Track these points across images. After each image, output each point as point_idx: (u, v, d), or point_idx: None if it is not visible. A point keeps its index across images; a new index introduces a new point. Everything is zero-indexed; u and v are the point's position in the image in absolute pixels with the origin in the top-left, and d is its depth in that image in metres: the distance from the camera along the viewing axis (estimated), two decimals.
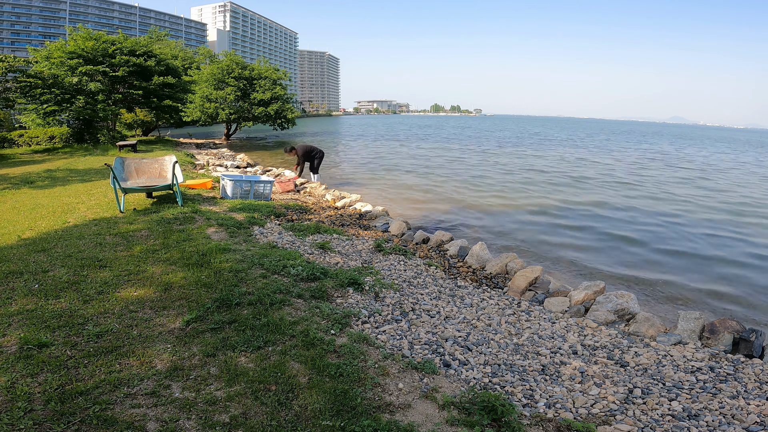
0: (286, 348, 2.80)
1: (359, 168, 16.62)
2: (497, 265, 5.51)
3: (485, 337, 3.56)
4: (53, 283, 3.64)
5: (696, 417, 2.63)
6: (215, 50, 64.71)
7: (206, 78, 26.80)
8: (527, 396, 2.78)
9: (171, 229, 5.37)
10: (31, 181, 9.53)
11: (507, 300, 4.54)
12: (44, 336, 2.77)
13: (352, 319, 3.42)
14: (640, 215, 9.65)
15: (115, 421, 2.08)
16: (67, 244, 4.69)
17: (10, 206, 6.99)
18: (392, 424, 2.19)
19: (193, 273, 3.91)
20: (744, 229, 8.81)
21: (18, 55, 22.87)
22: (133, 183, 7.18)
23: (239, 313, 3.20)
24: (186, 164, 12.66)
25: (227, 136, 29.28)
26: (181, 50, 40.48)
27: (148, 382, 2.40)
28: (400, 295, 4.12)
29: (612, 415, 2.62)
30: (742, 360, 3.41)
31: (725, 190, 13.57)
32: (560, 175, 15.75)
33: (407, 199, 10.74)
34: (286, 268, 4.19)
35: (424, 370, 2.79)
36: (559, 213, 9.67)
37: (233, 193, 7.79)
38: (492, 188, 12.60)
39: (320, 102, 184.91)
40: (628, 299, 4.35)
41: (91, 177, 10.08)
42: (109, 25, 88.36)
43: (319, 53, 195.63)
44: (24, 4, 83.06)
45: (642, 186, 13.77)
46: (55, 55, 18.85)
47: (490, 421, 2.30)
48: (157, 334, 2.90)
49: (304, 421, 2.17)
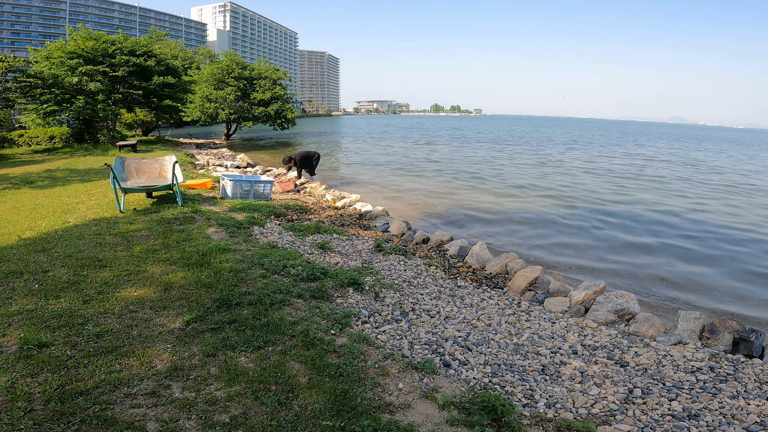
0: (286, 348, 2.80)
1: (359, 168, 16.62)
2: (497, 265, 5.51)
3: (485, 337, 3.56)
4: (53, 283, 3.64)
5: (696, 417, 2.63)
6: (215, 50, 64.70)
7: (206, 78, 26.82)
8: (527, 396, 2.78)
9: (171, 229, 5.37)
10: (31, 181, 9.53)
11: (507, 300, 4.54)
12: (44, 336, 2.77)
13: (352, 319, 3.42)
14: (642, 215, 9.65)
15: (115, 421, 2.08)
16: (67, 244, 4.69)
17: (10, 206, 6.99)
18: (392, 424, 2.19)
19: (193, 273, 3.91)
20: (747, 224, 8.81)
21: (18, 55, 22.86)
22: (133, 183, 7.18)
23: (239, 313, 3.20)
24: (186, 164, 12.67)
25: (227, 136, 29.30)
26: (181, 50, 40.48)
27: (148, 382, 2.40)
28: (400, 295, 4.12)
29: (612, 415, 2.62)
30: (742, 360, 3.41)
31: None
32: (561, 175, 15.75)
33: (407, 199, 10.74)
34: (286, 268, 4.19)
35: (424, 370, 2.79)
36: (560, 213, 9.67)
37: (233, 193, 7.79)
38: (492, 188, 12.60)
39: (320, 102, 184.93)
40: (628, 299, 4.35)
41: (91, 177, 10.08)
42: (109, 25, 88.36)
43: (319, 53, 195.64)
44: (24, 4, 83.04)
45: (642, 184, 13.77)
46: (55, 55, 18.85)
47: (490, 421, 2.30)
48: (157, 334, 2.90)
49: (304, 421, 2.17)
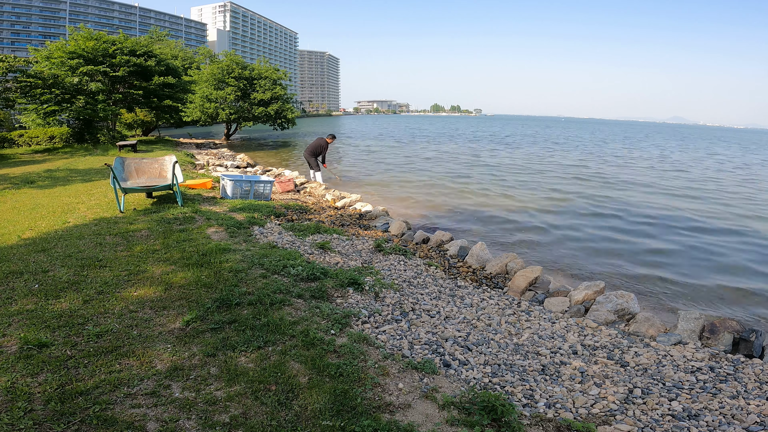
0: (286, 348, 2.80)
1: (359, 168, 16.61)
2: (497, 265, 5.51)
3: (485, 337, 3.56)
4: (53, 283, 3.64)
5: (696, 417, 2.63)
6: (215, 50, 64.67)
7: (206, 78, 26.80)
8: (527, 396, 2.78)
9: (171, 229, 5.37)
10: (31, 181, 9.53)
11: (507, 300, 4.54)
12: (44, 336, 2.77)
13: (352, 319, 3.42)
14: (641, 215, 9.65)
15: (115, 421, 2.08)
16: (67, 244, 4.69)
17: (10, 206, 6.98)
18: (392, 424, 2.19)
19: (193, 273, 3.91)
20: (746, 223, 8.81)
21: (18, 55, 22.85)
22: (133, 183, 7.18)
23: (239, 313, 3.20)
24: (186, 164, 12.67)
25: (227, 136, 29.29)
26: (181, 50, 40.47)
27: (148, 382, 2.40)
28: (400, 295, 4.12)
29: (612, 415, 2.62)
30: (742, 360, 3.41)
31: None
32: (560, 175, 15.75)
33: (407, 199, 10.73)
34: (286, 268, 4.19)
35: (424, 370, 2.79)
36: (560, 213, 9.67)
37: (233, 193, 7.79)
38: (492, 188, 12.60)
39: (320, 102, 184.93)
40: (628, 299, 4.35)
41: (92, 177, 10.08)
42: (109, 25, 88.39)
43: (319, 53, 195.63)
44: (24, 4, 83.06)
45: (643, 184, 13.77)
46: (55, 55, 18.85)
47: (490, 421, 2.30)
48: (157, 334, 2.90)
49: (304, 421, 2.17)
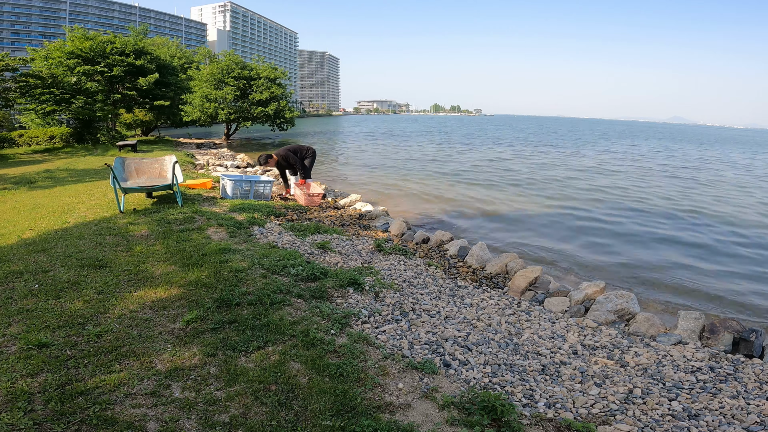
0: (286, 348, 2.80)
1: (359, 168, 16.61)
2: (497, 265, 5.51)
3: (485, 337, 3.56)
4: (53, 283, 3.63)
5: (696, 417, 2.63)
6: (215, 50, 64.57)
7: (206, 78, 26.79)
8: (527, 396, 2.78)
9: (171, 229, 5.37)
10: (31, 181, 9.53)
11: (507, 300, 4.54)
12: (44, 336, 2.76)
13: (352, 319, 3.42)
14: (641, 215, 9.65)
15: (115, 421, 2.08)
16: (67, 244, 4.69)
17: (10, 206, 6.98)
18: (392, 424, 2.19)
19: (193, 273, 3.91)
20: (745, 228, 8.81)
21: (18, 55, 22.85)
22: (133, 183, 7.17)
23: (239, 313, 3.19)
24: (186, 164, 12.66)
25: (227, 136, 29.29)
26: (179, 50, 40.40)
27: (148, 382, 2.39)
28: (400, 295, 4.12)
29: (612, 415, 2.62)
30: (742, 360, 3.41)
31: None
32: (561, 175, 15.75)
33: (407, 199, 10.73)
34: (286, 268, 4.19)
35: (424, 370, 2.79)
36: (560, 213, 9.67)
37: (233, 193, 7.79)
38: (492, 189, 12.60)
39: (320, 102, 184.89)
40: (628, 299, 4.35)
41: (91, 177, 10.08)
42: (109, 25, 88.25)
43: (319, 53, 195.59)
44: (24, 4, 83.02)
45: (642, 184, 13.77)
46: (54, 55, 18.87)
47: (490, 421, 2.30)
48: (157, 334, 2.90)
49: (304, 421, 2.17)
